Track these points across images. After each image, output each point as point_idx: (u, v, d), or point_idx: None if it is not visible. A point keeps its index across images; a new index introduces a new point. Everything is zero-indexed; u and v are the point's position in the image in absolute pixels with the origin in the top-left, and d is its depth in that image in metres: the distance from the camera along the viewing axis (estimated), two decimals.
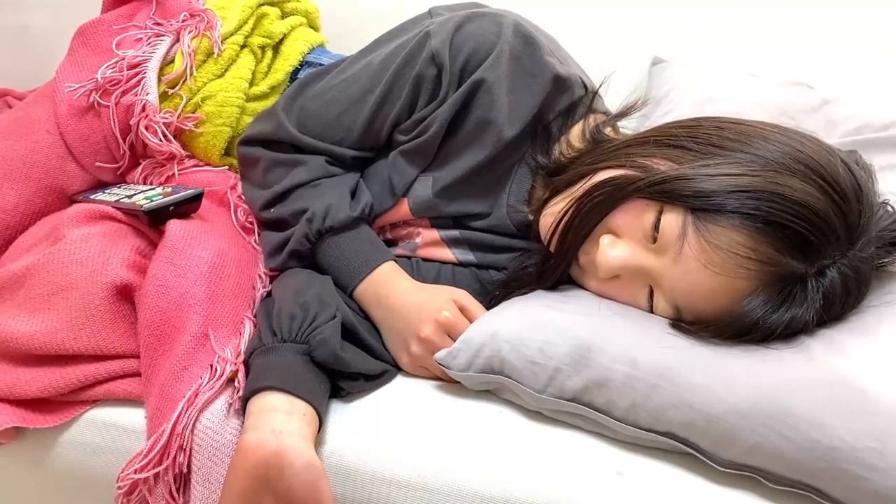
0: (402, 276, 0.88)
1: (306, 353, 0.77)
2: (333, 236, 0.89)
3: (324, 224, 0.88)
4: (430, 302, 0.84)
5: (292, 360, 0.76)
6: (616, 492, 0.70)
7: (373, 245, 0.90)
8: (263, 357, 0.78)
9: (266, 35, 1.08)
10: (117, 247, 0.86)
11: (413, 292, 0.86)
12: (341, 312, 0.82)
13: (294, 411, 0.72)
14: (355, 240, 0.89)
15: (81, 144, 1.00)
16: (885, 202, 0.78)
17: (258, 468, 0.68)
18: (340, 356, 0.78)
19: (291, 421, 0.71)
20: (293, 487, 0.68)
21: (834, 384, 0.66)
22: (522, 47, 0.87)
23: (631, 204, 0.77)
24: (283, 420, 0.71)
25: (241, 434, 0.71)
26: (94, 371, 0.82)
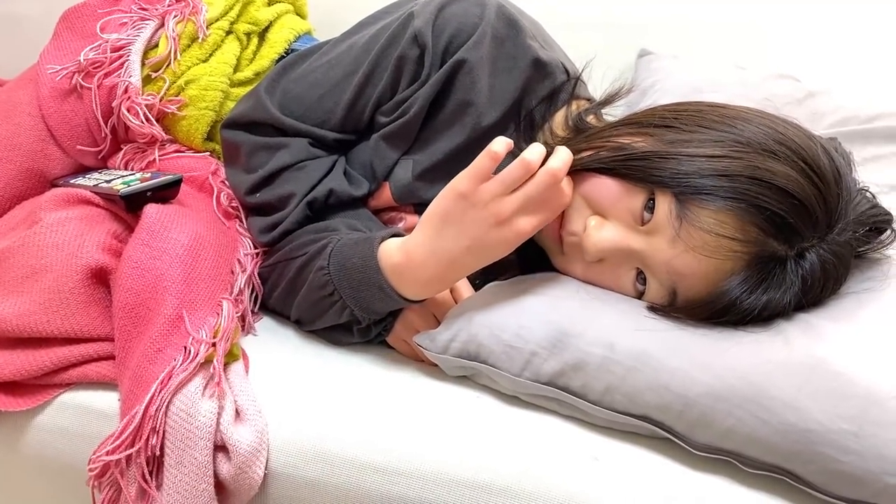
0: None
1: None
2: (334, 215, 0.90)
3: (327, 203, 0.89)
4: None
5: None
6: (592, 477, 0.69)
7: (372, 221, 0.92)
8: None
9: (252, 22, 1.08)
10: (94, 231, 0.86)
11: None
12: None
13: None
14: (355, 217, 0.90)
15: (63, 127, 0.99)
16: (864, 189, 0.78)
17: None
18: None
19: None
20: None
21: (810, 367, 0.66)
22: (505, 30, 0.87)
23: (618, 185, 0.76)
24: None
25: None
26: (68, 354, 0.81)
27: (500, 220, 0.74)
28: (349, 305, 0.81)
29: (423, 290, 0.79)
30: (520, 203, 0.74)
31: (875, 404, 0.64)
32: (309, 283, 0.84)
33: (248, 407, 0.77)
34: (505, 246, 0.75)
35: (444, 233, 0.75)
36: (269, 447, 0.75)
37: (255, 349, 0.85)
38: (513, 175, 0.74)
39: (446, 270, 0.76)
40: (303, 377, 0.83)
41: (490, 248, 0.75)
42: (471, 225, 0.74)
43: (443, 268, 0.76)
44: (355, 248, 0.80)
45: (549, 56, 0.89)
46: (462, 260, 0.76)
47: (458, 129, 0.89)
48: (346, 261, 0.80)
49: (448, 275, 0.77)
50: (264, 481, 0.75)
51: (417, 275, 0.77)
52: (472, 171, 0.74)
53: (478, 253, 0.75)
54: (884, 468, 0.62)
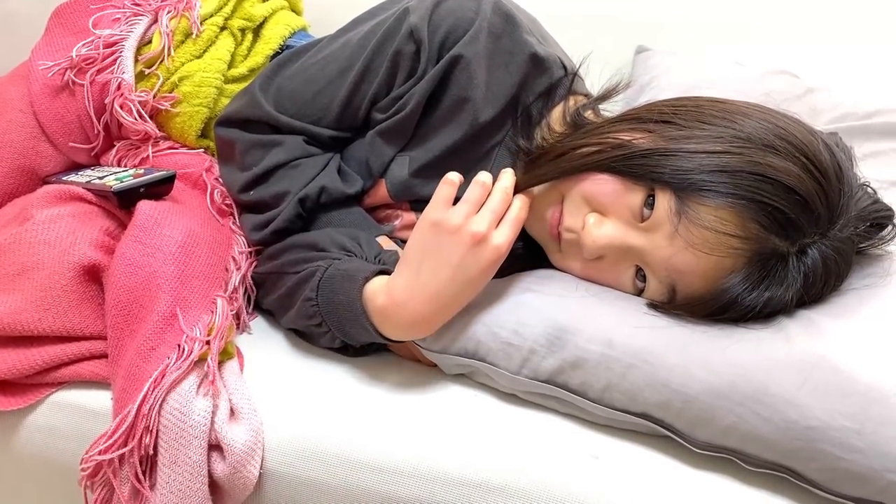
0: (393, 248, 0.88)
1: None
2: (326, 214, 0.89)
3: (318, 202, 0.89)
4: None
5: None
6: (591, 475, 0.69)
7: (366, 220, 0.91)
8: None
9: (246, 18, 1.07)
10: (86, 227, 0.85)
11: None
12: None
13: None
14: (348, 216, 0.90)
15: (55, 124, 0.98)
16: (865, 184, 0.78)
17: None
18: None
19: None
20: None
21: (812, 364, 0.66)
22: (502, 25, 0.87)
23: (617, 182, 0.76)
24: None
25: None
26: (60, 352, 0.80)
27: (476, 239, 0.74)
28: (338, 336, 0.81)
29: (409, 332, 0.77)
30: (490, 217, 0.75)
31: (877, 401, 0.64)
32: (298, 310, 0.83)
33: (243, 406, 0.76)
34: (486, 267, 0.74)
35: (423, 268, 0.74)
36: (265, 446, 0.74)
37: (249, 347, 0.85)
38: (475, 193, 0.76)
39: (431, 309, 0.74)
40: (298, 375, 0.82)
41: (472, 272, 0.74)
42: (449, 252, 0.74)
43: (427, 306, 0.74)
44: (342, 284, 0.78)
45: (547, 51, 0.89)
46: (446, 292, 0.74)
47: (454, 126, 0.88)
48: (334, 296, 0.79)
49: (434, 314, 0.75)
50: (259, 481, 0.74)
51: (402, 317, 0.75)
52: (436, 200, 0.76)
53: (461, 281, 0.74)
54: (886, 466, 0.62)
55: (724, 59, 1.15)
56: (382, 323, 0.76)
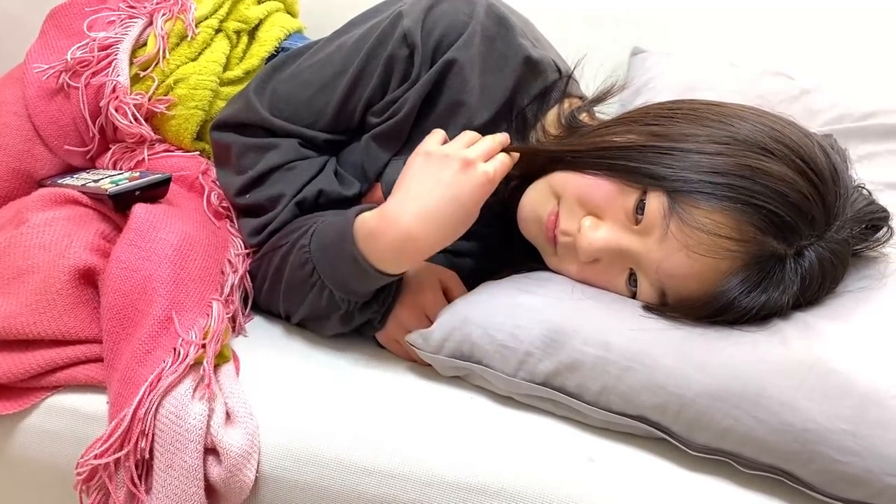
0: None
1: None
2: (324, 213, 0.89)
3: (317, 203, 0.89)
4: (415, 277, 0.85)
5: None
6: (588, 478, 0.69)
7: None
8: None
9: (241, 20, 1.07)
10: (81, 231, 0.85)
11: None
12: None
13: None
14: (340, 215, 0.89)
15: (50, 127, 0.98)
16: (860, 186, 0.78)
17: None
18: None
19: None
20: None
21: (808, 367, 0.66)
22: (496, 28, 0.87)
23: (611, 183, 0.76)
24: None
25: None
26: (55, 356, 0.80)
27: (466, 163, 0.76)
28: (327, 285, 0.80)
29: (399, 252, 0.76)
30: (480, 150, 0.78)
31: (873, 404, 0.64)
32: (291, 264, 0.83)
33: (239, 409, 0.76)
34: (476, 188, 0.76)
35: (414, 188, 0.76)
36: (261, 450, 0.74)
37: (245, 350, 0.84)
38: (467, 136, 0.81)
39: (421, 225, 0.75)
40: (294, 379, 0.82)
41: (462, 191, 0.75)
42: (439, 172, 0.76)
43: (417, 222, 0.75)
44: (335, 224, 0.80)
45: (541, 54, 0.89)
46: (436, 209, 0.75)
47: (449, 130, 0.88)
48: (325, 237, 0.80)
49: (424, 230, 0.75)
50: (255, 484, 0.74)
51: (391, 233, 0.75)
52: (429, 138, 0.80)
53: (450, 199, 0.75)
54: (883, 468, 0.62)
55: (720, 60, 1.15)
56: (372, 247, 0.76)
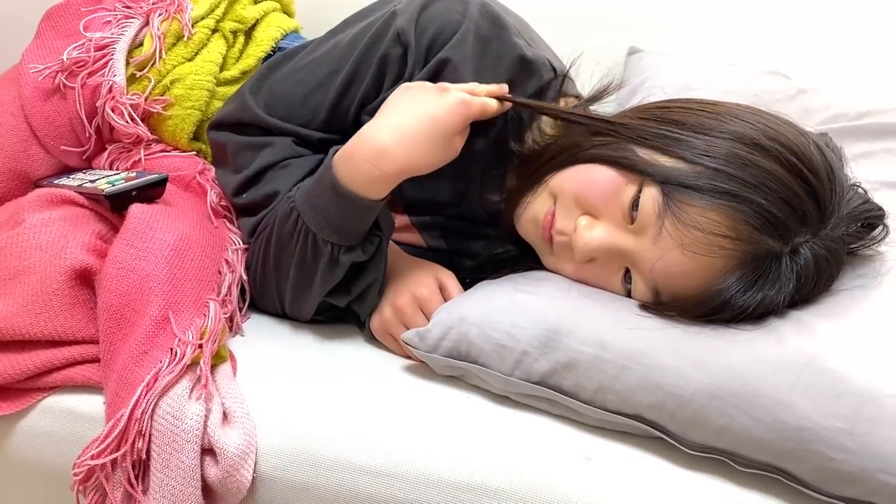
0: (390, 245, 0.89)
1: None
2: None
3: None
4: (412, 274, 0.86)
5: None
6: (584, 477, 0.69)
7: None
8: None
9: (238, 20, 1.07)
10: (78, 231, 0.85)
11: (397, 261, 0.87)
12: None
13: None
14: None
15: (46, 127, 0.98)
16: (856, 184, 0.78)
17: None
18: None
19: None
20: None
21: (803, 365, 0.66)
22: (490, 28, 0.87)
23: (607, 180, 0.76)
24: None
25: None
26: (52, 357, 0.80)
27: (443, 88, 0.80)
28: (310, 228, 0.80)
29: (372, 170, 0.77)
30: (460, 85, 0.81)
31: (869, 402, 0.64)
32: (278, 221, 0.84)
33: (236, 409, 0.76)
34: (451, 108, 0.78)
35: (390, 111, 0.80)
36: (258, 450, 0.74)
37: (243, 350, 0.84)
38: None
39: (395, 137, 0.77)
40: (292, 379, 0.82)
41: (437, 109, 0.78)
42: (417, 95, 0.80)
43: (391, 135, 0.77)
44: (319, 169, 0.83)
45: (535, 54, 0.89)
46: (410, 124, 0.77)
47: None
48: (308, 182, 0.83)
49: (397, 142, 0.77)
50: (252, 485, 0.74)
51: (365, 152, 0.77)
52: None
53: (425, 116, 0.78)
54: (878, 466, 0.62)
55: (716, 59, 1.15)
56: (348, 167, 0.78)
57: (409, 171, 0.79)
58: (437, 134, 0.78)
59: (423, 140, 0.78)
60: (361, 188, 0.78)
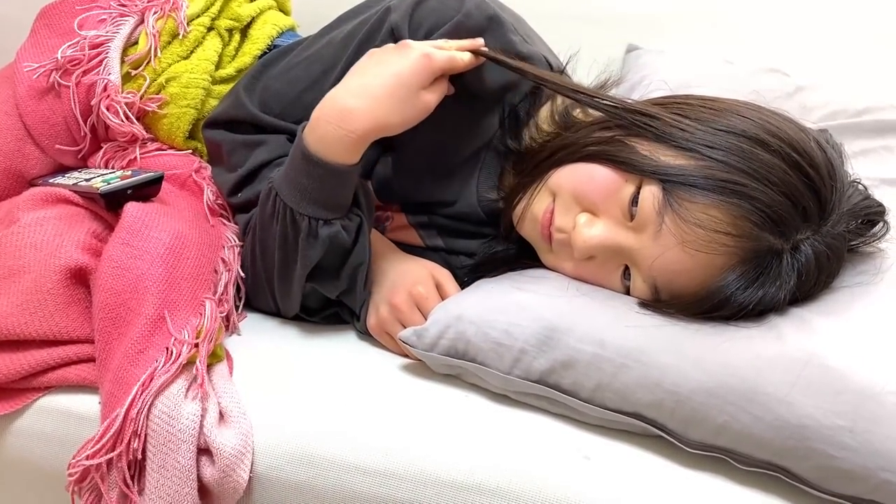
0: (382, 240, 0.90)
1: None
2: None
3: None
4: (409, 272, 0.85)
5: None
6: (583, 476, 0.68)
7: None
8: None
9: (233, 18, 1.06)
10: (73, 230, 0.84)
11: (394, 259, 0.87)
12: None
13: None
14: None
15: (41, 126, 0.97)
16: (856, 181, 0.78)
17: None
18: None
19: None
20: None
21: (803, 363, 0.65)
22: (484, 24, 0.86)
23: (606, 177, 0.75)
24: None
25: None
26: (47, 357, 0.80)
27: (404, 45, 0.81)
28: (287, 204, 0.80)
29: (336, 132, 0.78)
30: (425, 41, 0.82)
31: (869, 399, 0.63)
32: (259, 205, 0.84)
33: (233, 409, 0.75)
34: (413, 63, 0.78)
35: (354, 74, 0.81)
36: (254, 450, 0.74)
37: (239, 350, 0.84)
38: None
39: (357, 96, 0.78)
40: (288, 378, 0.82)
41: (400, 66, 0.78)
42: (379, 56, 0.81)
43: (354, 95, 0.78)
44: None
45: (531, 50, 0.88)
46: (372, 83, 0.78)
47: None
48: (285, 161, 0.83)
49: (360, 101, 0.78)
50: (249, 485, 0.73)
51: (328, 113, 0.78)
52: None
53: (387, 74, 0.78)
54: (879, 464, 0.61)
55: (715, 57, 1.15)
56: (315, 133, 0.79)
57: (375, 129, 0.79)
58: (400, 90, 0.78)
59: (385, 97, 0.78)
60: (330, 153, 0.78)
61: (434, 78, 0.80)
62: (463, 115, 0.88)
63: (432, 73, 0.79)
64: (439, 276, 0.86)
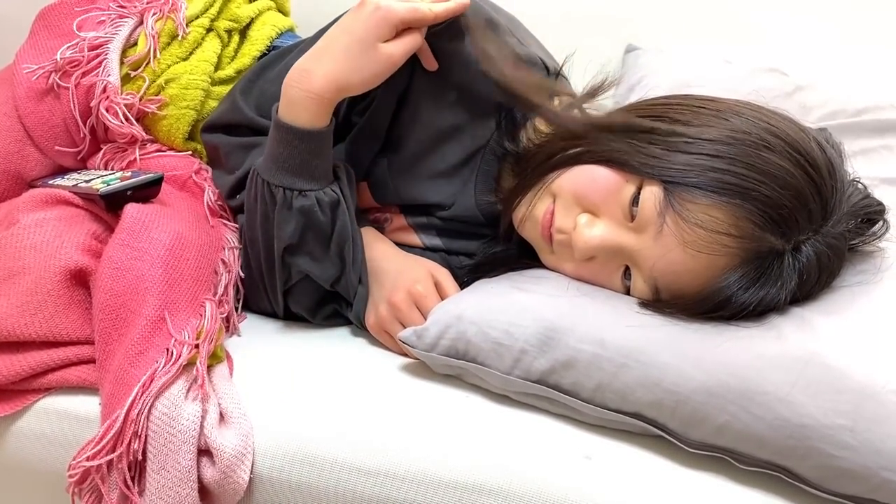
0: (381, 240, 0.90)
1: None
2: None
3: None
4: (408, 271, 0.85)
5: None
6: (584, 476, 0.68)
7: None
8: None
9: (232, 19, 1.06)
10: (73, 231, 0.84)
11: (393, 258, 0.87)
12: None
13: None
14: None
15: (40, 128, 0.97)
16: (856, 180, 0.78)
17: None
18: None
19: None
20: None
21: (804, 362, 0.65)
22: (480, 27, 0.86)
23: (606, 178, 0.75)
24: None
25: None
26: (47, 358, 0.80)
27: (360, 2, 0.80)
28: (263, 178, 0.82)
29: (298, 94, 0.80)
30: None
31: (870, 398, 0.63)
32: (246, 188, 0.86)
33: (233, 410, 0.75)
34: (368, 17, 0.78)
35: (317, 43, 0.82)
36: (255, 450, 0.74)
37: (239, 351, 0.84)
38: None
39: (314, 61, 0.80)
40: (289, 379, 0.81)
41: (354, 24, 0.79)
42: (339, 21, 0.82)
43: (310, 60, 0.80)
44: None
45: (527, 52, 0.88)
46: (328, 45, 0.80)
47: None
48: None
49: (316, 64, 0.80)
50: (249, 485, 0.73)
51: (292, 79, 0.80)
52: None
53: (342, 32, 0.80)
54: (880, 463, 0.61)
55: (714, 57, 1.15)
56: (283, 96, 0.81)
57: (334, 87, 0.80)
58: (355, 44, 0.79)
59: (340, 53, 0.79)
60: (296, 116, 0.80)
61: (396, 30, 0.80)
62: (460, 117, 0.88)
63: (391, 24, 0.79)
64: (438, 275, 0.86)
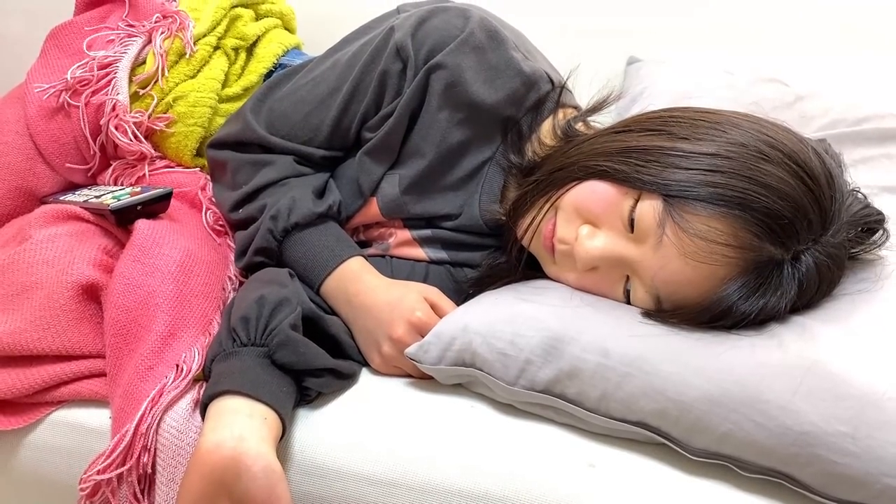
0: (370, 272, 0.87)
1: (267, 355, 0.75)
2: (299, 232, 0.88)
3: (289, 220, 0.87)
4: (402, 301, 0.83)
5: (252, 364, 0.74)
6: (589, 484, 0.69)
7: (339, 241, 0.89)
8: (223, 362, 0.75)
9: (239, 37, 1.08)
10: (84, 246, 0.85)
11: (383, 290, 0.84)
12: (304, 307, 0.80)
13: (254, 414, 0.70)
14: (322, 235, 0.88)
15: (51, 145, 0.99)
16: (855, 190, 0.78)
17: (215, 472, 0.66)
18: (303, 354, 0.75)
19: (251, 424, 0.69)
20: (250, 492, 0.66)
21: (805, 370, 0.66)
22: (486, 41, 0.87)
23: (607, 191, 0.76)
24: (243, 423, 0.68)
25: (200, 436, 0.69)
26: (60, 371, 0.81)
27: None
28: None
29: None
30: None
31: (871, 405, 0.64)
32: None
33: None
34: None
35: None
36: None
37: None
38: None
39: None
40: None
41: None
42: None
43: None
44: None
45: (532, 67, 0.89)
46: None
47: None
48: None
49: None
50: None
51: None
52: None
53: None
54: (881, 470, 0.62)
55: (715, 67, 1.15)
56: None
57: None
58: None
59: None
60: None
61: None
62: (469, 132, 0.89)
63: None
64: (431, 296, 0.84)
